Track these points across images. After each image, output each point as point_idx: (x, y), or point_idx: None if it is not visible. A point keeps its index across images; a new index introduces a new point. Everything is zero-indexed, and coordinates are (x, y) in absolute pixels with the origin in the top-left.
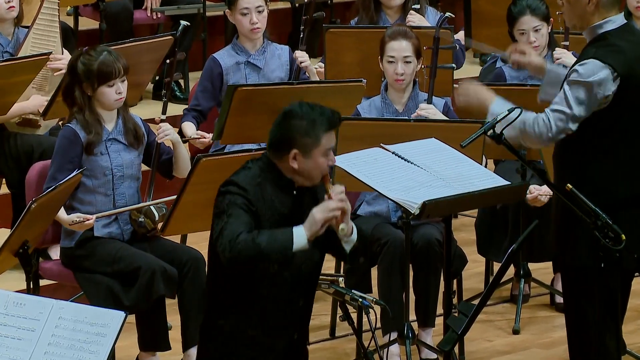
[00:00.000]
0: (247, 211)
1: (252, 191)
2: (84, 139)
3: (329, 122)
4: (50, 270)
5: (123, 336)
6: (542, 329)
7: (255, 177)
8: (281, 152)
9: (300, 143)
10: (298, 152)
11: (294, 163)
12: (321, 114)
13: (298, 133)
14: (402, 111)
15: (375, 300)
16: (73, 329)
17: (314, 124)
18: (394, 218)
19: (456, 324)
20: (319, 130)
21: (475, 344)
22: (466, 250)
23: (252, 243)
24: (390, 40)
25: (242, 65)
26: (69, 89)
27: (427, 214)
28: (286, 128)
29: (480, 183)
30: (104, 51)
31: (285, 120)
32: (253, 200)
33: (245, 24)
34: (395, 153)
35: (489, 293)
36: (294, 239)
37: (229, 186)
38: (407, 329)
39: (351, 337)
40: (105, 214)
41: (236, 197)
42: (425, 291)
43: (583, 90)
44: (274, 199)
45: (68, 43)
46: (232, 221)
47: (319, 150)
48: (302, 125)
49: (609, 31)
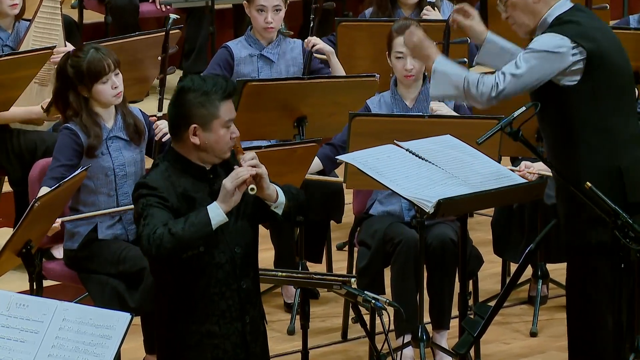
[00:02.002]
0: (162, 208)
1: (163, 186)
2: (84, 140)
3: (224, 91)
4: (54, 271)
5: (129, 338)
6: (561, 331)
7: (163, 172)
8: (181, 131)
9: (197, 116)
10: (197, 127)
11: (194, 139)
12: (214, 84)
13: (193, 106)
14: (412, 107)
15: (388, 302)
16: (77, 331)
17: (208, 94)
18: (407, 217)
19: (472, 326)
20: (214, 100)
21: (491, 347)
22: (482, 251)
23: (168, 234)
24: (398, 36)
25: (255, 58)
26: (61, 94)
27: (442, 213)
28: (181, 104)
29: (497, 181)
30: (91, 49)
31: (179, 97)
32: (166, 196)
33: (260, 22)
34: (409, 150)
35: (505, 294)
36: (209, 214)
37: (140, 189)
38: (421, 332)
39: (364, 339)
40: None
41: (148, 198)
42: (439, 292)
43: (537, 59)
44: (188, 189)
45: (72, 37)
46: (149, 221)
47: (218, 122)
48: (196, 97)
49: (560, 15)
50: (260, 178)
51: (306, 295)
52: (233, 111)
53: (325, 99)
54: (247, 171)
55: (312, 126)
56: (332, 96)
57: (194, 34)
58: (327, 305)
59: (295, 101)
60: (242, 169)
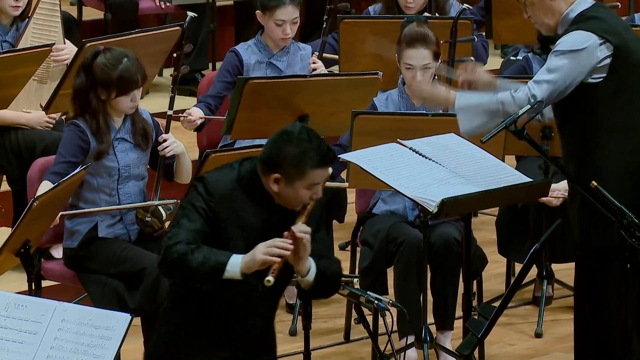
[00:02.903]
0: (203, 215)
1: (219, 196)
2: (91, 140)
3: (320, 159)
4: (53, 271)
5: (128, 339)
6: (566, 332)
7: (232, 182)
8: (266, 169)
9: (284, 170)
10: (280, 178)
11: (274, 186)
12: (316, 148)
13: (285, 160)
14: (420, 106)
15: (391, 302)
16: (77, 332)
17: (304, 156)
18: (411, 217)
19: (476, 327)
20: (306, 164)
21: (495, 348)
22: (486, 250)
23: (184, 258)
24: (408, 48)
25: (264, 65)
26: (83, 91)
27: (446, 213)
28: (276, 150)
29: (501, 180)
30: (125, 57)
31: (279, 141)
32: (214, 206)
33: (278, 34)
34: (412, 149)
35: (510, 295)
36: (227, 267)
37: (199, 183)
38: (425, 332)
39: (366, 340)
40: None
41: (198, 198)
42: (443, 293)
43: (567, 59)
44: (246, 211)
45: (71, 34)
46: (182, 222)
47: (302, 183)
48: (293, 153)
49: (582, 12)
50: (301, 254)
51: None
52: (325, 176)
53: (327, 97)
54: (283, 251)
55: (314, 125)
56: (334, 94)
57: (195, 31)
58: (330, 305)
59: (297, 99)
60: (280, 244)
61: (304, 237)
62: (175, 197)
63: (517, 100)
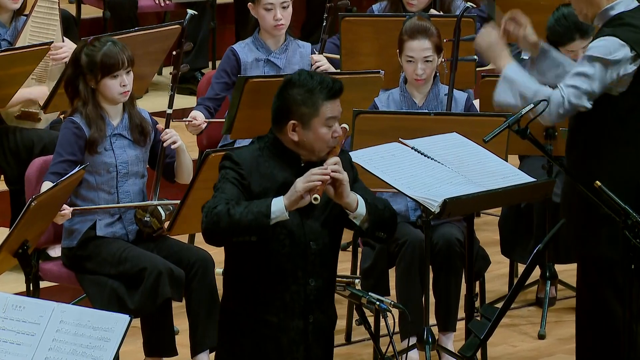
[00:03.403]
0: (237, 185)
1: (247, 164)
2: (87, 134)
3: (329, 91)
4: (51, 272)
5: (128, 341)
6: (569, 333)
7: (254, 151)
8: (281, 124)
9: (297, 113)
10: (296, 123)
11: (293, 135)
12: (320, 82)
13: (295, 102)
14: (422, 105)
15: (393, 304)
16: (75, 334)
17: (312, 92)
18: (413, 217)
19: (478, 328)
20: (317, 99)
21: (498, 350)
22: (489, 251)
23: (226, 213)
24: (409, 40)
25: (262, 63)
26: (72, 81)
27: (448, 213)
28: (284, 97)
29: (504, 180)
30: (108, 42)
31: (284, 90)
32: (245, 174)
33: (269, 20)
34: (414, 148)
35: (513, 296)
36: (271, 208)
37: (224, 161)
38: (427, 334)
39: (368, 342)
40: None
41: (228, 172)
42: (446, 294)
43: (600, 66)
44: (274, 172)
45: (70, 32)
46: (218, 194)
47: (318, 120)
48: (300, 93)
49: (622, 13)
50: (340, 184)
51: None
52: (337, 110)
53: None
54: (321, 176)
55: None
56: None
57: (195, 29)
58: None
59: None
60: (317, 170)
61: (337, 167)
62: (175, 197)
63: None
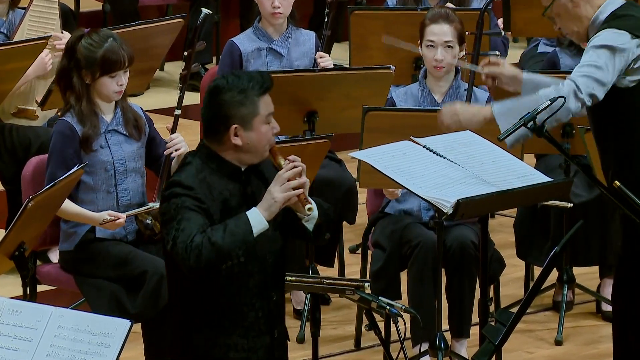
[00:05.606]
0: (198, 211)
1: (199, 187)
2: (80, 133)
3: (261, 86)
4: (49, 275)
5: (128, 346)
6: (587, 339)
7: (198, 172)
8: (219, 133)
9: (237, 116)
10: (238, 127)
11: (236, 140)
12: (250, 79)
13: (232, 106)
14: (441, 101)
15: (404, 308)
16: (74, 339)
17: (246, 91)
18: (425, 217)
19: (493, 334)
20: (253, 97)
21: (513, 356)
22: (504, 253)
23: (208, 244)
24: (431, 24)
25: (264, 52)
26: (66, 73)
27: (462, 214)
28: (218, 105)
29: (520, 180)
30: (110, 37)
31: (214, 98)
32: (202, 198)
33: (267, 7)
34: (426, 147)
35: (529, 300)
36: (251, 222)
37: (173, 188)
38: (439, 340)
39: (378, 348)
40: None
41: (184, 199)
42: (459, 298)
43: (607, 52)
44: (222, 191)
45: (68, 26)
46: (184, 226)
47: (259, 119)
48: (234, 96)
49: (614, 11)
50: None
51: (317, 301)
52: (271, 104)
53: (337, 92)
54: (298, 183)
55: (323, 121)
56: (345, 89)
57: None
58: (339, 311)
59: (305, 95)
60: (293, 182)
61: (300, 169)
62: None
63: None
